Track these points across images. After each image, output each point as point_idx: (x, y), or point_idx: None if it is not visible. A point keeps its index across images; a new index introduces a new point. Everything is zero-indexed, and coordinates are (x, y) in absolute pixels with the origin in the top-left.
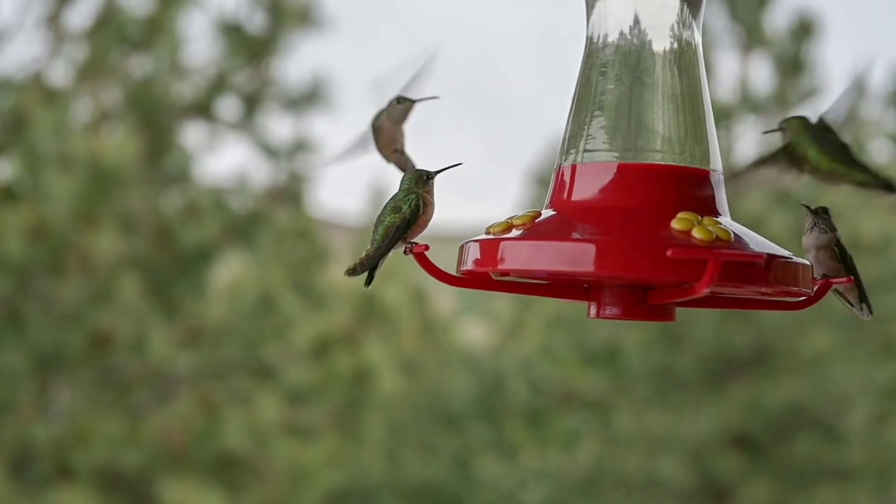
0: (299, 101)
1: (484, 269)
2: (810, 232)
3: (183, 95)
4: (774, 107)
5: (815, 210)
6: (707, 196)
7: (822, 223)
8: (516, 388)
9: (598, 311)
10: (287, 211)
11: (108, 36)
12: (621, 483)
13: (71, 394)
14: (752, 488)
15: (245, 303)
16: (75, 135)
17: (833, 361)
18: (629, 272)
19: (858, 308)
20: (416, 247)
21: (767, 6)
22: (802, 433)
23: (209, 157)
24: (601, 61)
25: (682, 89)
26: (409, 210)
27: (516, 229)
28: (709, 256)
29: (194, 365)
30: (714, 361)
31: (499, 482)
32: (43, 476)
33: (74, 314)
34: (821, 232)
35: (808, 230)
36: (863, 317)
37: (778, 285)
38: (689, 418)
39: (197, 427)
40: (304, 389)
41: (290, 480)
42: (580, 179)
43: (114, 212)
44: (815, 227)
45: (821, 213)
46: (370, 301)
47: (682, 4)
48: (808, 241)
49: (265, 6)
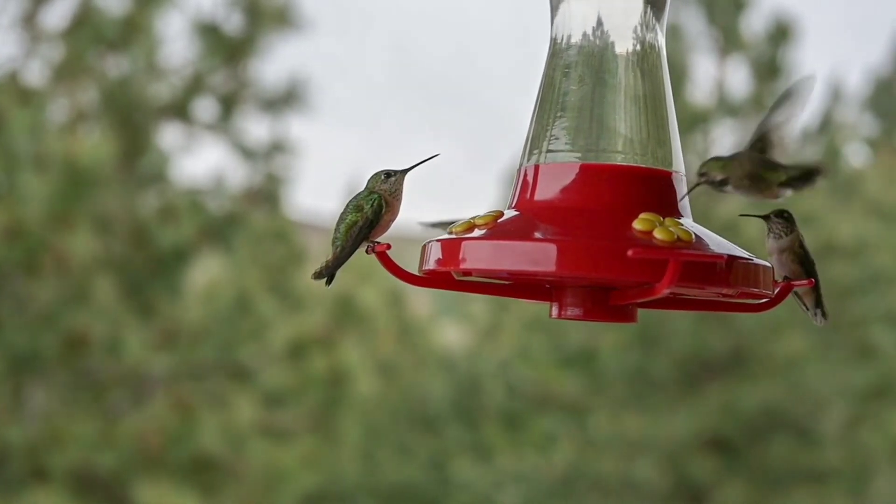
0: (276, 103)
1: (446, 269)
2: (767, 237)
3: (160, 96)
4: (751, 110)
5: (766, 216)
6: (669, 197)
7: (776, 227)
8: (493, 391)
9: (560, 311)
10: (264, 212)
11: (85, 36)
12: (597, 485)
13: (46, 395)
14: (727, 490)
15: (221, 304)
16: (51, 135)
17: (808, 364)
18: (590, 272)
19: (813, 313)
20: (377, 246)
21: (745, 10)
22: (777, 435)
23: (186, 158)
24: (565, 62)
25: (645, 91)
26: (370, 210)
27: (478, 229)
28: (669, 257)
29: (170, 366)
30: (690, 364)
31: (475, 484)
32: (17, 477)
33: (49, 315)
34: (776, 237)
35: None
36: (816, 322)
37: (739, 286)
38: (664, 421)
39: (172, 429)
40: (281, 391)
41: (265, 482)
42: (543, 180)
43: (90, 212)
44: (771, 233)
45: (773, 219)
46: (347, 303)
47: (646, 7)
48: (769, 246)
49: (242, 7)
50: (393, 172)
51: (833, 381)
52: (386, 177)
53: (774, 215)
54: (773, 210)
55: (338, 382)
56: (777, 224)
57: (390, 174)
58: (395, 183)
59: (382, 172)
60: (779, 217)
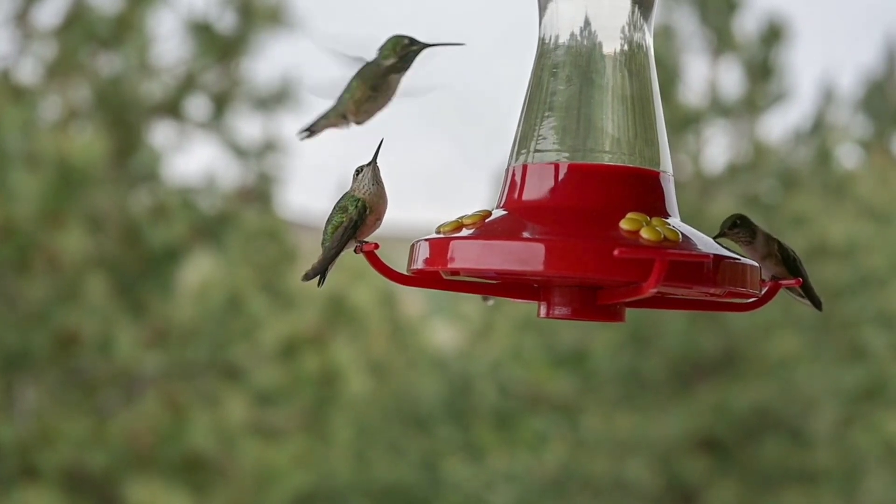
0: (269, 102)
1: (434, 269)
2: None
3: (152, 95)
4: (744, 111)
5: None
6: (656, 197)
7: (739, 237)
8: (485, 391)
9: (548, 311)
10: (256, 211)
11: (77, 34)
12: (589, 485)
13: (36, 393)
14: (718, 491)
15: (213, 303)
16: (43, 133)
17: (799, 365)
18: (577, 272)
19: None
20: (366, 245)
21: (737, 11)
22: (769, 436)
23: (178, 157)
24: (552, 62)
25: (633, 91)
26: (355, 210)
27: (466, 228)
28: (656, 256)
29: (161, 365)
30: (681, 364)
31: (467, 484)
32: (8, 476)
33: (41, 313)
34: (746, 243)
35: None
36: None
37: (726, 286)
38: (656, 421)
39: (163, 428)
40: (272, 390)
41: (257, 482)
42: (530, 180)
43: (81, 211)
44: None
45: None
46: (339, 302)
47: (634, 7)
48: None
49: (235, 6)
50: (360, 168)
51: (824, 382)
52: (355, 175)
53: (728, 229)
54: (725, 224)
55: (329, 382)
56: (736, 234)
57: (358, 171)
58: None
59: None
60: (733, 228)
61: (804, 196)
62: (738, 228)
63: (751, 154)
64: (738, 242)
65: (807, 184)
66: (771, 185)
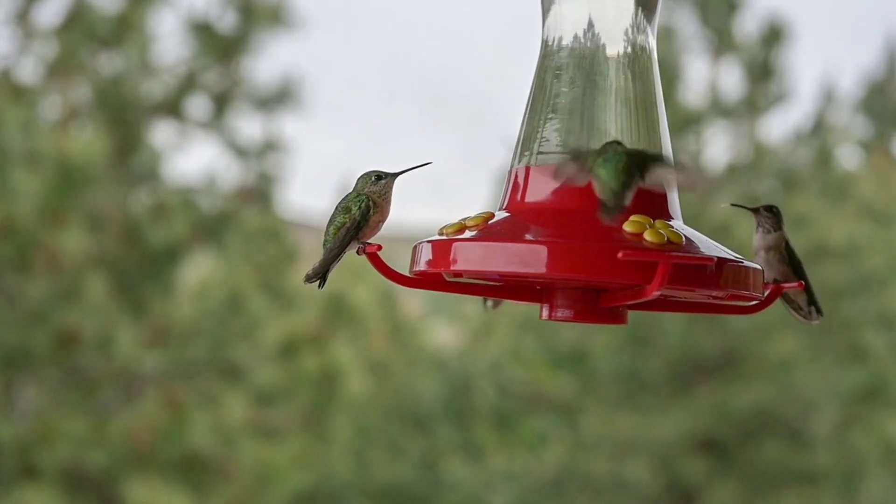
0: (269, 101)
1: (436, 270)
2: (756, 232)
3: (152, 94)
4: (744, 112)
5: (756, 209)
6: (660, 199)
7: (765, 223)
8: (484, 391)
9: (551, 313)
10: (256, 211)
11: (78, 33)
12: (588, 486)
13: (36, 393)
14: (718, 491)
15: (213, 303)
16: (43, 132)
17: (799, 366)
18: (580, 274)
19: (807, 311)
20: (368, 247)
21: (738, 12)
22: (768, 437)
23: (178, 157)
24: (556, 64)
25: (636, 93)
26: (358, 212)
27: (469, 230)
28: (659, 259)
29: (161, 365)
30: (681, 365)
31: (466, 484)
32: (7, 475)
33: (41, 312)
34: (765, 232)
35: (755, 231)
36: (811, 320)
37: (729, 289)
38: (656, 421)
39: (163, 427)
40: (272, 390)
41: (256, 481)
42: (533, 181)
43: (81, 210)
44: (760, 227)
45: (762, 212)
46: (338, 302)
47: (637, 9)
48: (756, 243)
49: (236, 5)
50: (384, 175)
51: (824, 383)
52: (377, 179)
53: (764, 209)
54: (763, 204)
55: (329, 381)
56: (766, 218)
57: (381, 176)
58: (385, 186)
59: (373, 174)
60: (767, 211)
61: (804, 197)
62: (770, 214)
63: (751, 155)
64: (760, 226)
65: (807, 185)
66: (771, 186)
